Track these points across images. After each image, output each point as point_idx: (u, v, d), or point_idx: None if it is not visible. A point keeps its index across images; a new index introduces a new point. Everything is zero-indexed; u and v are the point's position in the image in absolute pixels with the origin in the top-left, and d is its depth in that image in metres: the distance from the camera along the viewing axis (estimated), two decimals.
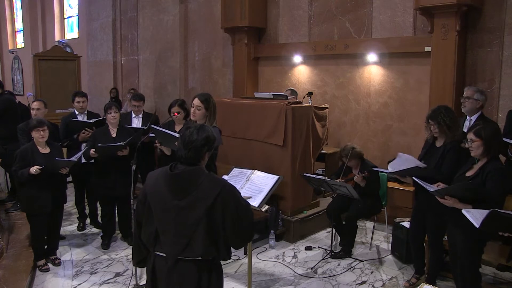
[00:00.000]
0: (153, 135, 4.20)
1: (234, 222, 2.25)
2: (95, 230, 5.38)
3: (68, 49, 10.19)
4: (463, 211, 2.77)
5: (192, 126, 2.35)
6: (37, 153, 4.14)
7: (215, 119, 3.71)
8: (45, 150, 4.22)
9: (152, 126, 4.10)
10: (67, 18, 14.47)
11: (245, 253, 4.66)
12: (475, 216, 2.66)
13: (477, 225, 2.61)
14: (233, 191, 2.31)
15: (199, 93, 3.80)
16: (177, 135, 3.61)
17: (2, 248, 4.40)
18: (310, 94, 5.87)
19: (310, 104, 5.37)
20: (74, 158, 4.28)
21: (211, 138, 2.30)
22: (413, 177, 3.52)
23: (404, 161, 3.58)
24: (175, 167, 2.26)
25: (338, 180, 4.54)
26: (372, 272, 4.31)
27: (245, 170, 3.57)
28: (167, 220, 2.24)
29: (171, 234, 2.24)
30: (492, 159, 3.04)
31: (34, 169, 3.97)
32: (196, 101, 3.65)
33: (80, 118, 5.25)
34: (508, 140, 3.81)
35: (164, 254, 2.28)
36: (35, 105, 5.03)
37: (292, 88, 6.31)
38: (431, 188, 3.20)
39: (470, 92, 4.03)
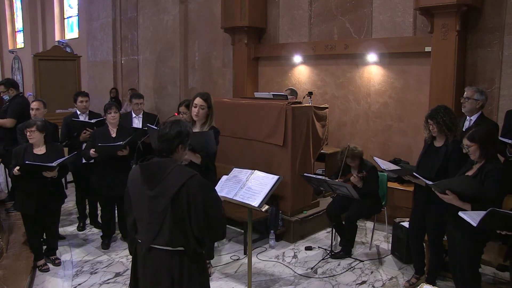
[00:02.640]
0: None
1: (203, 215, 2.27)
2: (95, 230, 5.38)
3: (68, 49, 10.20)
4: (460, 214, 2.79)
5: (168, 121, 2.47)
6: (30, 153, 4.12)
7: (213, 119, 3.71)
8: (40, 150, 4.18)
9: (148, 125, 4.13)
10: (67, 18, 14.47)
11: (245, 253, 4.67)
12: (472, 217, 2.68)
13: (475, 224, 2.62)
14: (202, 184, 2.32)
15: (198, 92, 3.78)
16: None
17: (2, 248, 4.40)
18: (310, 94, 5.87)
19: (310, 104, 5.37)
20: (53, 164, 4.00)
21: (184, 133, 2.40)
22: (414, 173, 3.52)
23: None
24: (150, 159, 2.39)
25: (337, 180, 4.54)
26: (372, 272, 4.31)
27: (245, 170, 3.57)
28: (142, 208, 2.38)
29: (145, 222, 2.36)
30: (490, 159, 3.06)
31: (14, 170, 3.98)
32: (199, 101, 3.63)
33: (81, 118, 5.26)
34: (504, 140, 3.81)
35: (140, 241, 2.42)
36: (34, 105, 5.03)
37: (292, 88, 6.30)
38: (431, 181, 3.20)
39: (470, 92, 4.03)
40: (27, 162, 3.97)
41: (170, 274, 2.32)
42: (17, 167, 3.97)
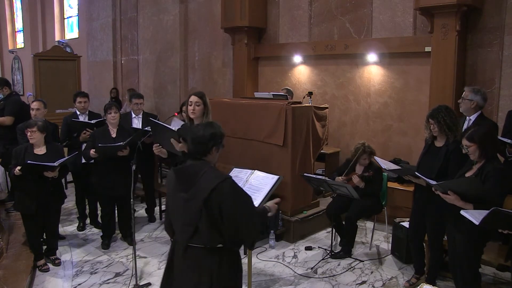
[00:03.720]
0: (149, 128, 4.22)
1: (232, 220, 2.30)
2: (95, 230, 5.38)
3: (68, 49, 10.20)
4: (462, 212, 2.78)
5: (201, 124, 2.52)
6: (30, 153, 4.12)
7: (209, 117, 3.74)
8: (40, 151, 4.18)
9: (151, 119, 4.14)
10: (67, 18, 14.48)
11: (245, 253, 4.66)
12: (474, 216, 2.67)
13: (477, 223, 2.62)
14: (233, 189, 2.34)
15: (192, 92, 3.84)
16: (173, 128, 3.65)
17: (2, 248, 4.40)
18: (310, 94, 5.87)
19: (310, 104, 5.37)
20: (55, 164, 4.00)
21: (218, 134, 2.44)
22: (416, 172, 3.52)
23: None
24: (184, 162, 2.45)
25: (340, 178, 4.54)
26: (372, 272, 4.31)
27: (245, 170, 3.57)
28: (177, 210, 2.44)
29: (180, 223, 2.42)
30: (490, 159, 3.06)
31: (15, 170, 3.98)
32: (194, 98, 3.71)
33: (81, 118, 5.26)
34: (504, 140, 3.80)
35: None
36: (34, 105, 5.03)
37: (287, 88, 6.30)
38: (433, 182, 3.20)
39: (465, 92, 4.02)
40: (29, 162, 3.96)
41: (209, 272, 2.35)
42: (18, 167, 3.97)
